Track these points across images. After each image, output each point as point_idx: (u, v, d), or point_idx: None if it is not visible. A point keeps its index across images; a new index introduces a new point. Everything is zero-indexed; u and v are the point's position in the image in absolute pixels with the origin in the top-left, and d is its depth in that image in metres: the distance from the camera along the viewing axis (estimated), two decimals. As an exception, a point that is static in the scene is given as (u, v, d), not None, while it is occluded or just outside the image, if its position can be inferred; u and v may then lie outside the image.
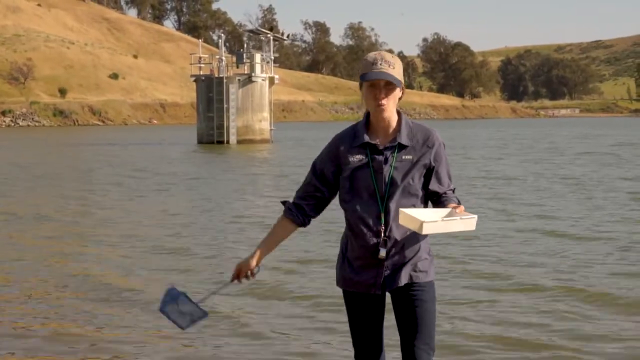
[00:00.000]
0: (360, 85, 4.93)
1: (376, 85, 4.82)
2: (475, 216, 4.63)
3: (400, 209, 4.68)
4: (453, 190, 4.97)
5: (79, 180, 31.34)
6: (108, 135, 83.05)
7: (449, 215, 4.68)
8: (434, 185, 4.91)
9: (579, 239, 15.85)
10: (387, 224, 4.83)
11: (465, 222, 4.63)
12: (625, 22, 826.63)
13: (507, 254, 14.19)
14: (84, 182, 30.67)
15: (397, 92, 4.87)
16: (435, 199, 4.93)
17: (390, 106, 4.85)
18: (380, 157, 4.86)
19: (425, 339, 4.92)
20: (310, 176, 5.05)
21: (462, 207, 4.72)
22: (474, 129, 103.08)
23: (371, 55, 4.90)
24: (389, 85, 4.82)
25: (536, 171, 33.64)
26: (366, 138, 4.89)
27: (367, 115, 4.97)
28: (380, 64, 4.80)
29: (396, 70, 4.82)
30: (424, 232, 4.57)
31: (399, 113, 4.94)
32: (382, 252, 4.83)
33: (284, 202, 5.11)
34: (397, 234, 4.85)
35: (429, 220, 4.58)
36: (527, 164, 38.26)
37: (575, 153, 46.72)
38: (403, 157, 4.86)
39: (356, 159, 4.88)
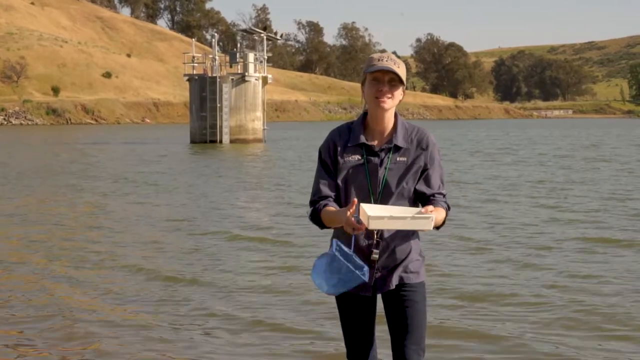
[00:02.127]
0: (363, 84, 4.92)
1: (380, 80, 4.82)
2: (432, 216, 4.58)
3: (360, 204, 4.68)
4: (443, 195, 4.94)
5: (51, 179, 31.24)
6: (99, 134, 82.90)
7: (405, 213, 4.67)
8: (421, 186, 4.88)
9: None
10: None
11: (417, 221, 4.59)
12: (618, 23, 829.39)
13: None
14: (60, 180, 30.60)
15: (400, 92, 4.87)
16: (422, 201, 4.89)
17: (390, 103, 4.84)
18: (376, 159, 4.86)
19: (415, 339, 4.92)
20: (321, 173, 4.99)
21: (430, 208, 4.66)
22: (458, 130, 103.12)
23: (377, 54, 4.92)
24: (393, 82, 4.82)
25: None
26: (362, 139, 4.89)
27: (364, 115, 4.98)
28: (386, 61, 4.81)
29: (401, 70, 4.83)
30: (370, 227, 4.55)
31: (395, 114, 4.94)
32: (375, 254, 4.82)
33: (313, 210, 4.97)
34: (389, 236, 4.86)
35: (375, 215, 4.57)
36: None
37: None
38: (397, 159, 4.86)
39: (351, 159, 4.88)
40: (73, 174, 33.65)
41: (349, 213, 4.58)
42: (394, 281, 4.91)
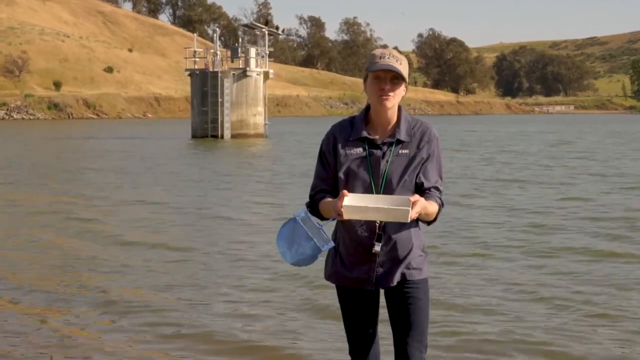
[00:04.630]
0: (365, 80, 4.91)
1: (382, 78, 4.81)
2: (407, 208, 4.57)
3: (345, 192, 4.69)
4: (439, 190, 4.91)
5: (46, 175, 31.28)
6: (101, 129, 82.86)
7: (386, 204, 4.67)
8: (419, 179, 4.87)
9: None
10: (382, 219, 4.82)
11: (393, 213, 4.60)
12: (620, 19, 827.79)
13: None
14: (62, 176, 30.61)
15: (402, 89, 4.86)
16: (419, 193, 4.85)
17: (393, 100, 4.83)
18: (378, 152, 4.85)
19: (418, 336, 4.92)
20: (320, 168, 5.00)
21: (416, 197, 4.65)
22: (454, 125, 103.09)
23: (379, 50, 4.91)
24: (395, 80, 4.82)
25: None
26: (364, 132, 4.88)
27: (367, 109, 4.97)
28: (388, 58, 4.80)
29: (403, 67, 4.82)
30: (345, 216, 4.60)
31: (399, 108, 4.93)
32: (377, 247, 4.81)
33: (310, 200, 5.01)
34: (391, 229, 4.84)
35: (348, 205, 4.60)
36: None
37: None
38: (400, 151, 4.85)
39: (353, 152, 4.87)
40: (69, 171, 33.65)
41: (339, 203, 4.63)
42: (397, 277, 4.90)
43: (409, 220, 4.62)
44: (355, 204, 4.63)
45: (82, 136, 66.09)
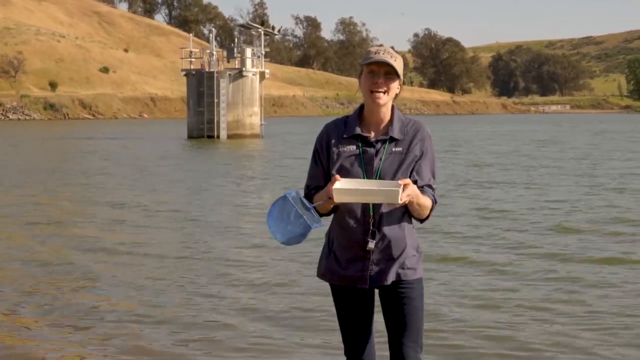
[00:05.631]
0: (360, 77, 4.93)
1: (375, 72, 4.83)
2: (398, 189, 4.59)
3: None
4: (432, 188, 4.92)
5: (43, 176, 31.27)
6: (97, 129, 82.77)
7: (372, 185, 4.70)
8: (413, 176, 4.87)
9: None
10: (375, 215, 4.83)
11: (384, 194, 4.61)
12: (616, 18, 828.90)
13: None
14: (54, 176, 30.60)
15: (396, 85, 4.87)
16: None
17: (386, 97, 4.85)
18: (372, 150, 4.86)
19: (413, 336, 4.92)
20: (313, 166, 5.02)
21: (406, 180, 4.67)
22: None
23: (375, 47, 4.94)
24: (389, 75, 4.83)
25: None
26: (358, 130, 4.90)
27: (360, 108, 4.98)
28: (383, 54, 4.82)
29: (397, 64, 4.83)
30: (335, 200, 4.64)
31: (392, 107, 4.95)
32: (371, 244, 4.82)
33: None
34: (385, 227, 4.85)
35: (339, 187, 4.63)
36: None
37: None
38: (393, 149, 4.86)
39: (347, 149, 4.88)
40: (66, 171, 33.63)
41: (330, 186, 4.68)
42: (391, 276, 4.90)
43: (399, 201, 4.61)
44: (346, 187, 4.65)
45: (77, 136, 66.00)
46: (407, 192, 4.64)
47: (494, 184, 26.91)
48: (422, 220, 4.94)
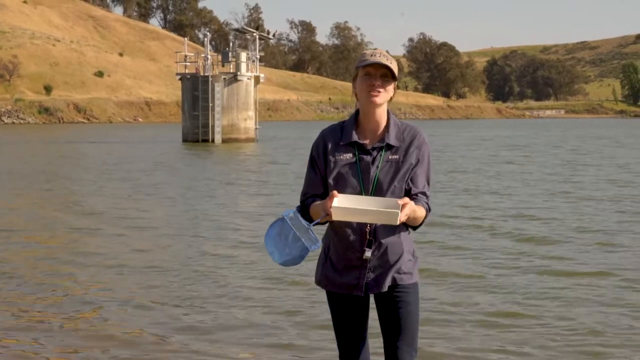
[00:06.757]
0: (354, 80, 4.91)
1: (372, 74, 4.80)
2: (397, 211, 4.56)
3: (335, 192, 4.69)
4: (426, 195, 4.90)
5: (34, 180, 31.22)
6: (91, 133, 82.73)
7: (376, 206, 4.66)
8: (408, 184, 4.85)
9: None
10: (372, 224, 4.80)
11: (383, 215, 4.59)
12: (610, 23, 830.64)
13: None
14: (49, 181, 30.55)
15: (391, 87, 4.85)
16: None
17: (382, 98, 4.82)
18: (368, 157, 4.83)
19: (408, 340, 4.90)
20: (310, 173, 4.98)
21: (405, 199, 4.64)
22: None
23: (369, 50, 4.92)
24: (385, 77, 4.81)
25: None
26: (355, 137, 4.86)
27: (356, 113, 4.96)
28: (379, 56, 4.81)
29: (393, 66, 4.82)
30: (334, 217, 4.60)
31: (388, 112, 4.92)
32: (368, 253, 4.79)
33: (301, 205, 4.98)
34: (382, 235, 4.82)
35: (337, 206, 4.60)
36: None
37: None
38: (389, 157, 4.83)
39: (343, 157, 4.85)
40: (65, 176, 33.60)
41: (328, 203, 4.63)
42: (387, 283, 4.88)
43: (398, 223, 4.60)
44: (345, 205, 4.63)
45: (70, 140, 65.94)
46: (405, 212, 4.62)
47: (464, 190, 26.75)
48: (414, 228, 4.93)
